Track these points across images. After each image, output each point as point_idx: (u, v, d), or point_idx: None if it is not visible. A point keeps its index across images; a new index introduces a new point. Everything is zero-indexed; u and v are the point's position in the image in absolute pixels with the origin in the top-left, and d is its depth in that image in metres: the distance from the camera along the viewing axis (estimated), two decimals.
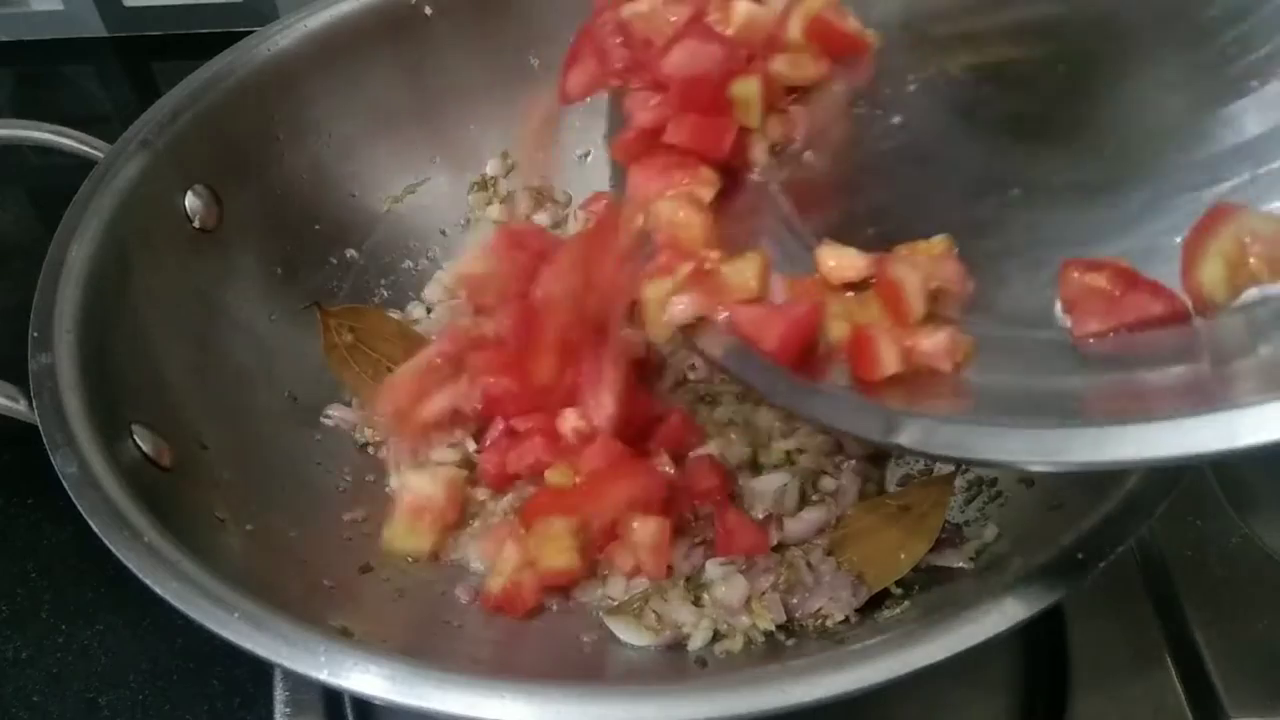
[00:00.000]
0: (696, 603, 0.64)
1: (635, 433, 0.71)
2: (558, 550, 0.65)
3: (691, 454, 0.73)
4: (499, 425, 0.75)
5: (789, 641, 0.61)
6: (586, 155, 0.96)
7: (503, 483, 0.74)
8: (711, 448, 0.73)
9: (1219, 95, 0.48)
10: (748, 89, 0.56)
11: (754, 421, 0.75)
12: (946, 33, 0.58)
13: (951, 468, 0.70)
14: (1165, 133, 0.50)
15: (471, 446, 0.77)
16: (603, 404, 0.69)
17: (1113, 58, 0.53)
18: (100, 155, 0.74)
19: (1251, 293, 0.43)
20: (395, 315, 0.87)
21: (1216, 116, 0.48)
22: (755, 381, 0.51)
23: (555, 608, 0.67)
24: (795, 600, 0.63)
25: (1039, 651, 0.72)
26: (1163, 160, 0.48)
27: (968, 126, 0.54)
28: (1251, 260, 0.42)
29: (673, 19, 0.56)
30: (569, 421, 0.71)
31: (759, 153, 0.59)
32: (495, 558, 0.68)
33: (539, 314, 0.72)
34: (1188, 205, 0.45)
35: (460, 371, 0.76)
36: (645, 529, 0.66)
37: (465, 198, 0.94)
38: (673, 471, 0.68)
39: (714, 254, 0.54)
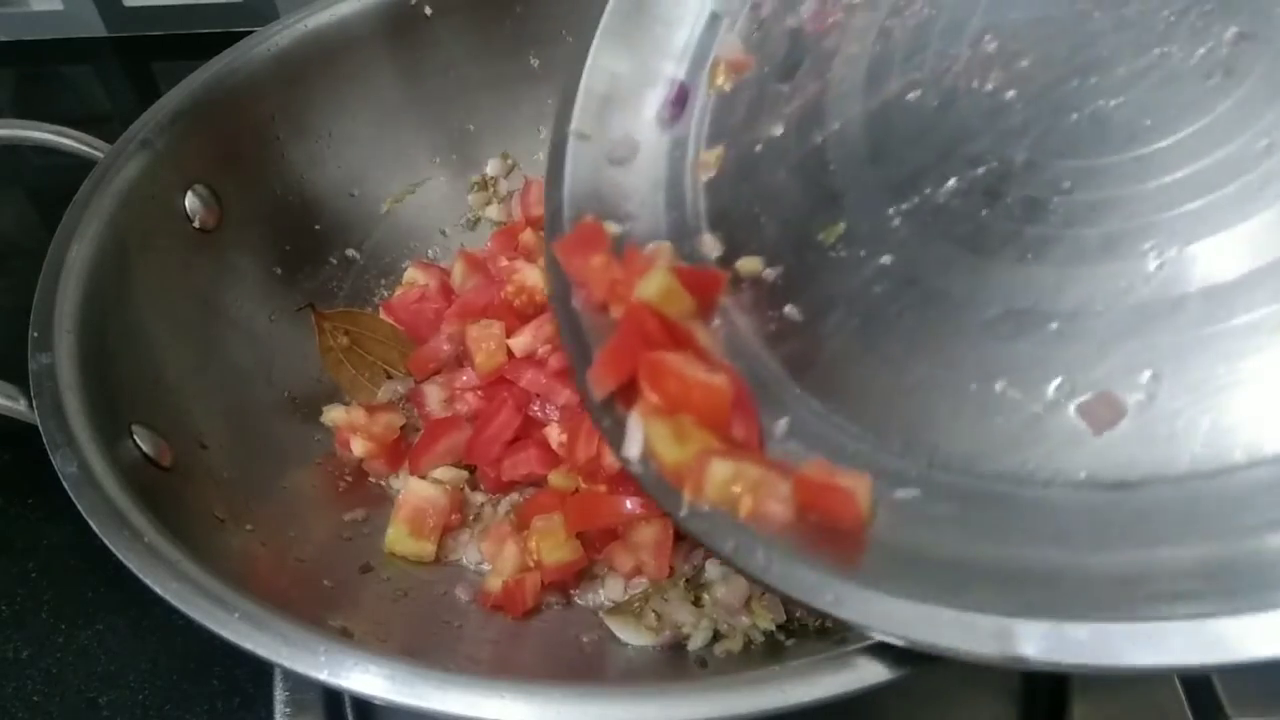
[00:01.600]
0: (696, 603, 0.64)
1: None
2: (557, 544, 0.66)
3: None
4: None
5: (789, 641, 0.61)
6: None
7: (502, 486, 0.74)
8: None
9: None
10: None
11: None
12: (922, 159, 0.50)
13: None
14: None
15: None
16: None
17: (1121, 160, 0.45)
18: (100, 155, 0.74)
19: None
20: None
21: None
22: (806, 590, 0.43)
23: (555, 607, 0.67)
24: None
25: None
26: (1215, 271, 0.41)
27: (974, 258, 0.47)
28: None
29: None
30: (554, 436, 0.71)
31: (704, 337, 0.54)
32: (495, 558, 0.68)
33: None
34: (1247, 324, 0.40)
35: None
36: (647, 530, 0.66)
37: (465, 198, 0.95)
38: None
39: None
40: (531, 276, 0.78)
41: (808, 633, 0.62)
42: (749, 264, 0.56)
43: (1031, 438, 0.43)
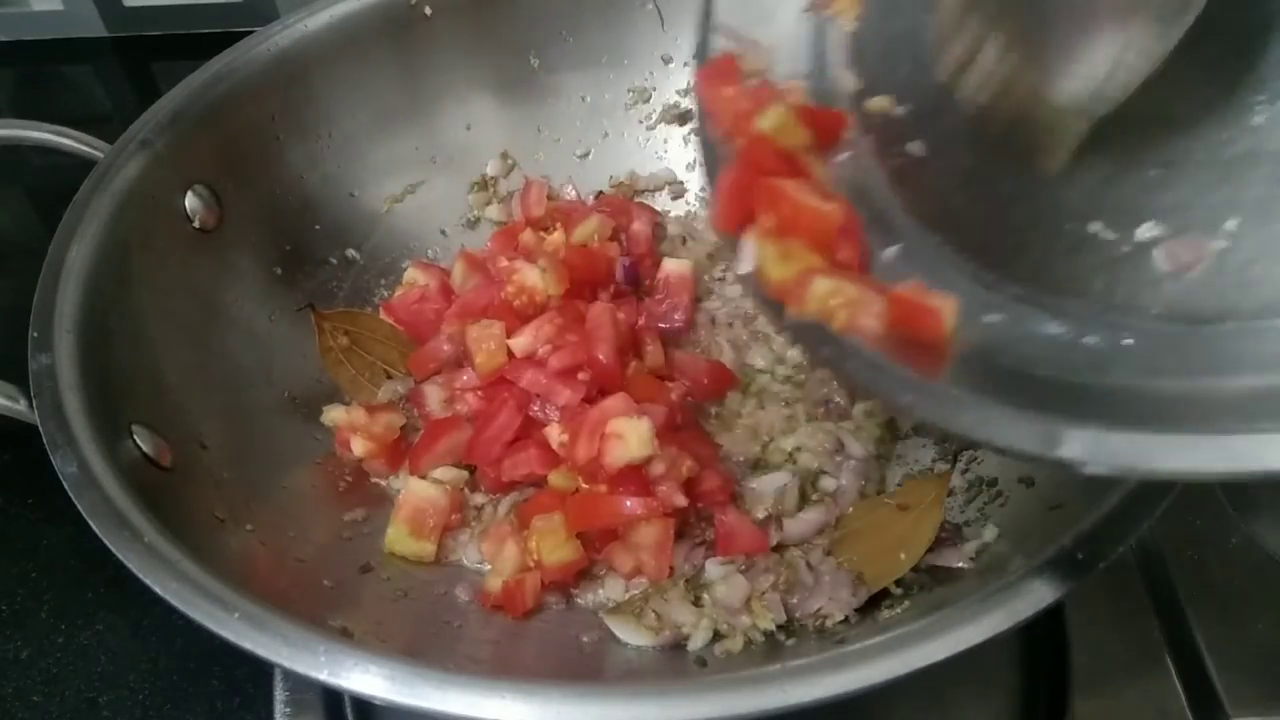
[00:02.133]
0: (696, 603, 0.64)
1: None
2: (557, 543, 0.66)
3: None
4: None
5: (789, 641, 0.61)
6: (587, 155, 0.96)
7: (502, 486, 0.74)
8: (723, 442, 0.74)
9: None
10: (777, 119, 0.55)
11: (758, 417, 0.76)
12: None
13: (948, 465, 0.70)
14: None
15: None
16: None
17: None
18: (100, 155, 0.74)
19: None
20: None
21: None
22: (889, 392, 0.47)
23: (555, 607, 0.67)
24: (795, 600, 0.63)
25: (1039, 651, 0.73)
26: None
27: None
28: None
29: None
30: (554, 436, 0.71)
31: (820, 170, 0.56)
32: (495, 558, 0.68)
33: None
34: None
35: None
36: (648, 530, 0.66)
37: (465, 198, 0.95)
38: (684, 502, 0.67)
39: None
40: (531, 276, 0.78)
41: (808, 633, 0.62)
42: (880, 102, 0.58)
43: (1115, 276, 0.46)
